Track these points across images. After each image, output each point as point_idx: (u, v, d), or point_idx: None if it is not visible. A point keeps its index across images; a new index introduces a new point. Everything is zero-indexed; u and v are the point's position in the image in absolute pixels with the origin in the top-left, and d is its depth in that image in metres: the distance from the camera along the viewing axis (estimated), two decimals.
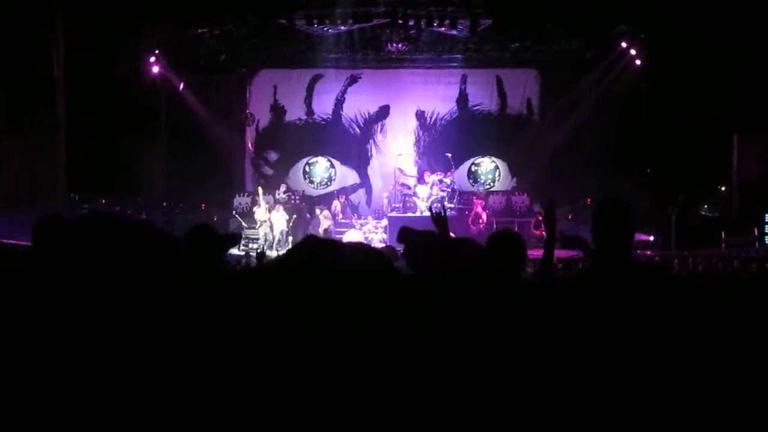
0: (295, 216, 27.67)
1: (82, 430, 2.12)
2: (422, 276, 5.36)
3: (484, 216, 27.23)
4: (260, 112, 32.32)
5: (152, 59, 28.77)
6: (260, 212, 27.17)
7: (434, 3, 27.92)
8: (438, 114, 32.01)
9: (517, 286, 5.05)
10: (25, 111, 24.81)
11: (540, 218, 26.23)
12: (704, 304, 5.08)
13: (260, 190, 27.95)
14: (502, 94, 32.08)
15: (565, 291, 4.74)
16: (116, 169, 28.07)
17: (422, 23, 28.65)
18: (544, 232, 21.92)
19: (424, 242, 5.52)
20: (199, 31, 29.28)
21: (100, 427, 2.14)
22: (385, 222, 27.70)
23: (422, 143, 31.92)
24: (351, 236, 26.14)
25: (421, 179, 28.92)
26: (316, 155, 32.21)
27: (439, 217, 5.77)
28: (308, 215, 28.75)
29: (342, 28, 29.09)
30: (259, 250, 22.85)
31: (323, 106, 32.14)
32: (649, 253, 23.39)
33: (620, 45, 29.22)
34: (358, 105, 32.14)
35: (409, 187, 28.93)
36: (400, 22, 28.80)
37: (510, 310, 4.54)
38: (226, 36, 29.92)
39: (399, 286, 3.84)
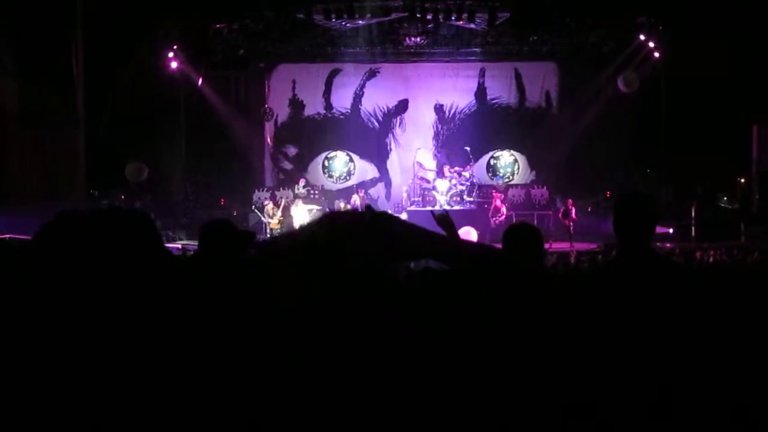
0: (316, 209, 27.66)
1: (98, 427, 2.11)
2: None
3: (503, 209, 27.16)
4: (279, 107, 32.31)
5: (171, 55, 28.77)
6: (272, 220, 27.16)
7: None
8: (457, 107, 31.98)
9: (535, 278, 5.05)
10: (45, 107, 24.93)
11: (569, 207, 26.18)
12: (724, 295, 5.10)
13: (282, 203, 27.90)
14: (520, 88, 32.04)
15: (586, 283, 4.76)
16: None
17: (440, 17, 28.67)
18: (571, 222, 21.81)
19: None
20: (218, 26, 29.33)
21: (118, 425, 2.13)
22: (404, 216, 27.68)
23: (441, 137, 31.89)
24: None
25: (440, 173, 28.95)
26: (335, 150, 32.21)
27: (443, 219, 5.66)
28: (327, 210, 28.79)
29: (360, 22, 29.10)
30: None
31: (342, 101, 32.16)
32: (668, 245, 23.33)
33: (638, 37, 29.11)
34: (377, 99, 32.12)
35: (429, 181, 28.95)
36: (418, 15, 28.83)
37: (528, 303, 4.57)
38: (244, 31, 29.94)
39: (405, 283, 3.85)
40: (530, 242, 5.07)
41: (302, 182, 29.58)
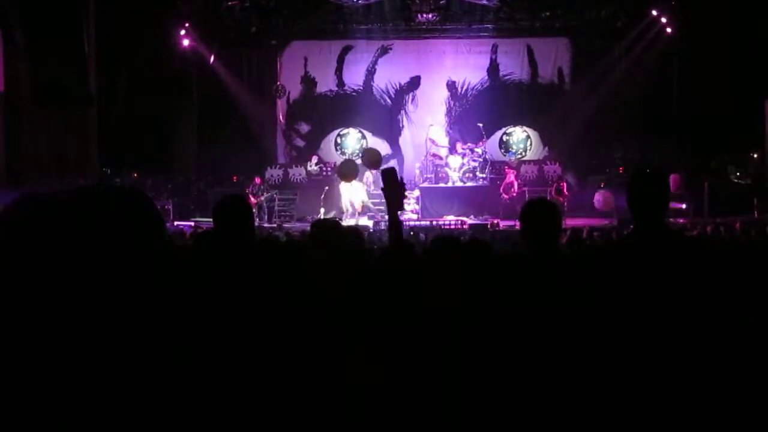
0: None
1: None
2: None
3: (515, 185, 27.08)
4: (291, 84, 32.29)
5: (183, 32, 28.77)
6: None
7: None
8: (469, 84, 31.90)
9: (555, 253, 5.06)
10: (57, 86, 24.93)
11: (561, 184, 26.22)
12: (739, 270, 5.11)
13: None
14: (533, 64, 31.92)
15: (602, 258, 4.78)
16: (148, 142, 28.23)
17: None
18: (564, 199, 21.62)
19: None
20: (230, 3, 29.31)
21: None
22: (417, 193, 27.64)
23: (453, 113, 31.81)
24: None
25: (452, 149, 28.89)
26: (348, 127, 32.19)
27: (390, 178, 5.49)
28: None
29: None
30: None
31: (354, 78, 32.13)
32: (681, 220, 23.33)
33: (651, 13, 29.01)
34: (389, 76, 32.08)
35: (441, 158, 28.90)
36: None
37: (547, 278, 4.58)
38: (256, 8, 29.94)
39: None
40: (548, 218, 5.07)
41: (314, 159, 29.60)
